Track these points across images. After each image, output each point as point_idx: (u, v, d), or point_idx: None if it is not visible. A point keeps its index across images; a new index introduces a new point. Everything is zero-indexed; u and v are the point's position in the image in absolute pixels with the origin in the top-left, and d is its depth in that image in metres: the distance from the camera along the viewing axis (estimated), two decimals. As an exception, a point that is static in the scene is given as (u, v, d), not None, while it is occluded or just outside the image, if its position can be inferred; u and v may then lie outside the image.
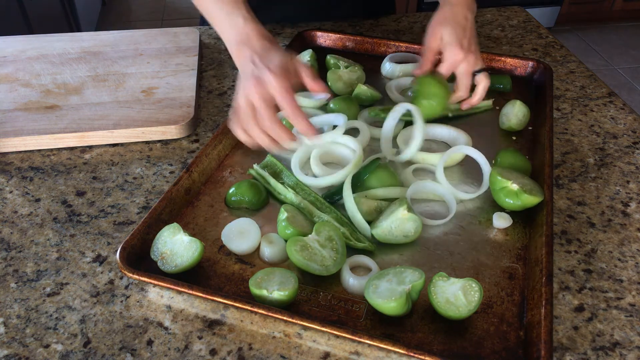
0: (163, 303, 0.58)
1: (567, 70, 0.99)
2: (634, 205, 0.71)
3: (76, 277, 0.61)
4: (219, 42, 1.07)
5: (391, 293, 0.54)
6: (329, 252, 0.60)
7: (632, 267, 0.63)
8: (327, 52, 1.00)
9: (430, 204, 0.70)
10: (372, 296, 0.54)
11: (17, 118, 0.80)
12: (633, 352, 0.54)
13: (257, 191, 0.68)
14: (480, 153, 0.72)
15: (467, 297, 0.54)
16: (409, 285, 0.54)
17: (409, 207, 0.62)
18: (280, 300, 0.55)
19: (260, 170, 0.71)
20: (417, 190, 0.69)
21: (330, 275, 0.59)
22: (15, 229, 0.66)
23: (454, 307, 0.54)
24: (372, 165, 0.70)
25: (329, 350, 0.53)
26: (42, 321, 0.56)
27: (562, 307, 0.58)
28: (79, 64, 0.94)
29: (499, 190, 0.66)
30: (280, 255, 0.62)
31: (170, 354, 0.53)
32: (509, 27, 1.14)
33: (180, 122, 0.80)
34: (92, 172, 0.75)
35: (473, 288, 0.55)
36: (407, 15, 1.18)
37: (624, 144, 0.82)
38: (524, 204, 0.65)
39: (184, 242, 0.60)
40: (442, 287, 0.55)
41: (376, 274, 0.57)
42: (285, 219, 0.62)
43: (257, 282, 0.56)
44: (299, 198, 0.68)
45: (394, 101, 0.85)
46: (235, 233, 0.63)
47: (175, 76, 0.91)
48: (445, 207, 0.69)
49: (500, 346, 0.54)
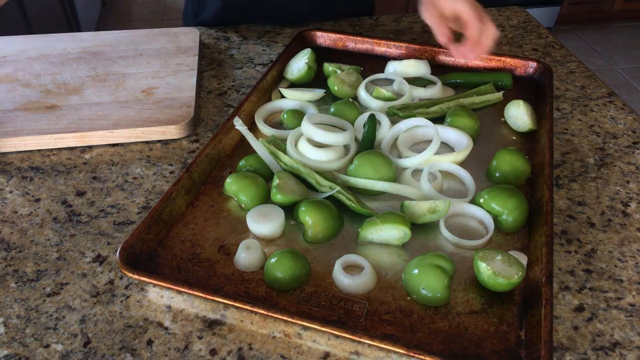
0: (163, 303, 0.58)
1: (567, 70, 0.99)
2: (634, 205, 0.71)
3: (76, 277, 0.61)
4: (218, 42, 1.07)
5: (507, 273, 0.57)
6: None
7: (632, 267, 0.63)
8: (327, 52, 1.00)
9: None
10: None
11: (17, 118, 0.80)
12: (633, 352, 0.54)
13: (265, 163, 0.72)
14: (465, 171, 0.72)
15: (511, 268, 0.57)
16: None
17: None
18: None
19: (266, 144, 0.72)
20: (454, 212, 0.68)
21: (330, 274, 0.59)
22: (15, 229, 0.66)
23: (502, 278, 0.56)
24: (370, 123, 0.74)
25: (329, 350, 0.53)
26: (42, 321, 0.56)
27: (562, 307, 0.58)
28: (79, 64, 0.94)
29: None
30: (257, 263, 0.61)
31: (170, 354, 0.53)
32: (509, 27, 1.14)
33: (180, 122, 0.80)
34: (92, 172, 0.75)
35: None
36: (407, 15, 1.18)
37: (624, 144, 0.82)
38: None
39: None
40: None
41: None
42: (276, 185, 0.66)
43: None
44: (307, 169, 0.70)
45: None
46: (259, 216, 0.64)
47: (175, 76, 0.91)
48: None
49: (500, 346, 0.54)
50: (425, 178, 0.69)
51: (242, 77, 0.96)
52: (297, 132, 0.75)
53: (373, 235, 0.63)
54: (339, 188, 0.67)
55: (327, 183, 0.68)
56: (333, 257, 0.62)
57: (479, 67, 0.96)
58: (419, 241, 0.64)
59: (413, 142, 0.79)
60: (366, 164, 0.69)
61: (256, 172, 0.71)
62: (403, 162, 0.73)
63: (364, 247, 0.64)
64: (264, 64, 1.00)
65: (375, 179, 0.68)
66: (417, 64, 0.91)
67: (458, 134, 0.77)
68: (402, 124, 0.78)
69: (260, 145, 0.73)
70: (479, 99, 0.86)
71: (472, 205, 0.67)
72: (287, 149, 0.73)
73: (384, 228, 0.61)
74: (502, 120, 0.84)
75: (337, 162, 0.72)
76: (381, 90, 0.85)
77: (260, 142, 0.73)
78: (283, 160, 0.71)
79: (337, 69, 0.90)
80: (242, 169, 0.72)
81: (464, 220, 0.67)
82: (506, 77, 0.91)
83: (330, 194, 0.67)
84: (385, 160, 0.70)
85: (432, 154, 0.72)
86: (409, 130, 0.78)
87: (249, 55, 1.03)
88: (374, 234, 0.62)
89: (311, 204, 0.64)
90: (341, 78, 0.88)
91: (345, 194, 0.67)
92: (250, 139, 0.75)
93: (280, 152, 0.72)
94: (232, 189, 0.68)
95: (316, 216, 0.63)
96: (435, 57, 0.97)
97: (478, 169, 0.74)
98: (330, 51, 1.01)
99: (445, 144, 0.79)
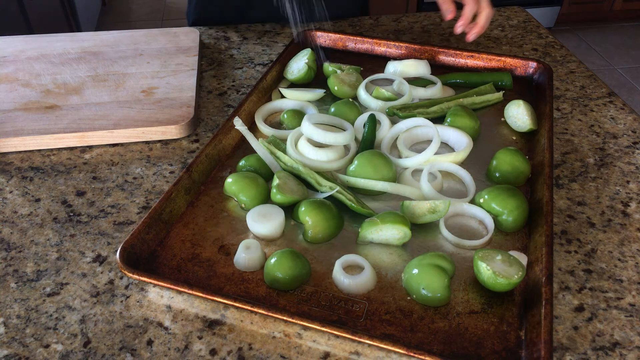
0: (163, 303, 0.58)
1: (567, 70, 0.99)
2: (634, 205, 0.71)
3: (76, 277, 0.61)
4: (219, 42, 1.07)
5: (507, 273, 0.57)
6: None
7: (632, 267, 0.63)
8: (327, 52, 1.00)
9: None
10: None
11: (17, 118, 0.80)
12: (633, 352, 0.54)
13: (265, 162, 0.72)
14: (465, 171, 0.72)
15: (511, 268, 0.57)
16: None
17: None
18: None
19: (266, 144, 0.72)
20: (454, 212, 0.68)
21: (330, 274, 0.59)
22: (15, 229, 0.66)
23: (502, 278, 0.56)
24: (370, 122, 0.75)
25: (329, 350, 0.53)
26: (42, 321, 0.56)
27: (562, 307, 0.58)
28: (79, 64, 0.94)
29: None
30: (257, 263, 0.61)
31: (170, 354, 0.53)
32: (509, 27, 1.14)
33: (180, 122, 0.80)
34: (92, 172, 0.75)
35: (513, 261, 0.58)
36: (407, 15, 1.18)
37: (624, 144, 0.82)
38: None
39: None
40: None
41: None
42: (276, 185, 0.66)
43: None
44: (306, 169, 0.70)
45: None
46: (259, 216, 0.64)
47: (175, 76, 0.91)
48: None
49: (500, 346, 0.54)
50: (425, 178, 0.69)
51: (242, 77, 0.96)
52: (297, 132, 0.75)
53: (373, 235, 0.63)
54: (339, 188, 0.67)
55: (327, 183, 0.68)
56: (333, 257, 0.62)
57: (479, 67, 0.96)
58: (419, 241, 0.64)
59: (413, 142, 0.79)
60: (366, 164, 0.69)
61: (256, 172, 0.71)
62: (403, 162, 0.73)
63: (364, 247, 0.64)
64: (264, 64, 1.00)
65: (375, 179, 0.68)
66: (417, 64, 0.91)
67: (458, 134, 0.77)
68: (402, 124, 0.78)
69: (260, 145, 0.73)
70: (479, 99, 0.86)
71: (472, 205, 0.67)
72: (287, 149, 0.73)
73: (384, 228, 0.61)
74: (502, 120, 0.84)
75: (337, 162, 0.72)
76: (381, 90, 0.85)
77: (260, 142, 0.73)
78: (283, 160, 0.71)
79: (337, 69, 0.90)
80: (242, 169, 0.72)
81: (464, 220, 0.67)
82: (506, 77, 0.91)
83: (330, 194, 0.67)
84: (385, 160, 0.70)
85: (432, 154, 0.72)
86: (409, 130, 0.78)
87: (249, 55, 1.03)
88: (374, 234, 0.62)
89: (311, 204, 0.64)
90: (341, 78, 0.88)
91: (345, 194, 0.67)
92: (250, 139, 0.75)
93: (280, 152, 0.72)
94: (232, 189, 0.68)
95: (316, 216, 0.63)
96: (435, 57, 0.97)
97: (478, 169, 0.74)
98: (330, 51, 1.01)
99: (445, 144, 0.79)
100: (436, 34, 1.11)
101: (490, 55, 0.95)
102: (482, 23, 0.86)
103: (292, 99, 0.86)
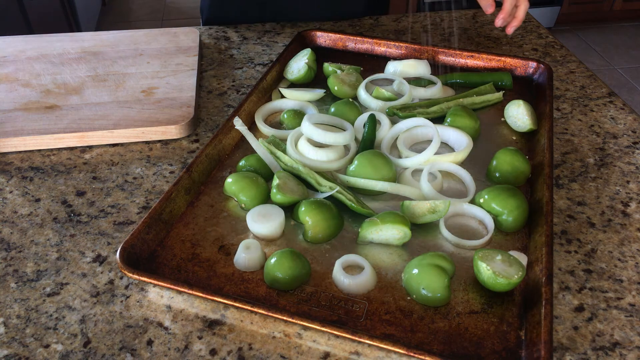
0: (163, 303, 0.58)
1: (567, 70, 0.99)
2: (634, 205, 0.71)
3: (76, 277, 0.61)
4: (219, 42, 1.07)
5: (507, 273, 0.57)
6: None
7: (632, 267, 0.63)
8: (327, 52, 1.00)
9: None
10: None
11: (17, 118, 0.80)
12: (633, 352, 0.54)
13: (265, 162, 0.72)
14: (465, 171, 0.72)
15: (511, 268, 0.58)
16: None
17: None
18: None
19: (266, 144, 0.72)
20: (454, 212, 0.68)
21: (330, 274, 0.59)
22: (15, 229, 0.66)
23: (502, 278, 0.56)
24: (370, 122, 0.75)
25: (329, 350, 0.53)
26: (42, 321, 0.56)
27: (562, 307, 0.58)
28: (79, 64, 0.94)
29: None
30: (257, 263, 0.61)
31: (170, 354, 0.53)
32: (509, 27, 1.14)
33: (180, 122, 0.80)
34: (92, 172, 0.75)
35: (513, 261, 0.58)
36: (407, 15, 1.18)
37: (624, 144, 0.82)
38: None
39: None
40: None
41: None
42: (276, 185, 0.66)
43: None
44: (306, 169, 0.70)
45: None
46: (259, 216, 0.64)
47: (175, 76, 0.91)
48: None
49: (500, 346, 0.54)
50: (425, 178, 0.69)
51: (242, 77, 0.96)
52: (297, 132, 0.75)
53: (373, 235, 0.63)
54: (339, 188, 0.67)
55: (327, 183, 0.68)
56: (333, 257, 0.62)
57: (478, 67, 0.96)
58: (419, 241, 0.64)
59: (413, 142, 0.79)
60: (366, 164, 0.69)
61: (256, 172, 0.71)
62: (403, 162, 0.73)
63: (364, 247, 0.64)
64: (264, 64, 1.00)
65: (375, 179, 0.68)
66: (417, 64, 0.91)
67: (458, 134, 0.77)
68: (402, 124, 0.78)
69: (260, 145, 0.73)
70: (479, 99, 0.86)
71: (472, 205, 0.67)
72: (287, 149, 0.73)
73: (384, 228, 0.61)
74: (502, 120, 0.84)
75: (337, 162, 0.72)
76: (381, 90, 0.85)
77: (260, 142, 0.73)
78: (283, 160, 0.71)
79: (337, 69, 0.90)
80: (242, 169, 0.72)
81: (464, 220, 0.67)
82: (506, 77, 0.91)
83: (330, 194, 0.67)
84: (385, 160, 0.70)
85: (432, 154, 0.72)
86: (409, 130, 0.78)
87: (249, 55, 1.03)
88: (374, 234, 0.62)
89: (311, 204, 0.64)
90: (341, 78, 0.88)
91: (345, 194, 0.67)
92: (250, 139, 0.75)
93: (280, 152, 0.72)
94: (232, 189, 0.68)
95: (316, 216, 0.63)
96: (435, 57, 0.97)
97: (478, 169, 0.74)
98: (330, 51, 1.01)
99: (445, 144, 0.79)
100: (436, 34, 1.11)
101: (490, 55, 0.95)
102: (521, 16, 0.90)
103: (292, 99, 0.86)
